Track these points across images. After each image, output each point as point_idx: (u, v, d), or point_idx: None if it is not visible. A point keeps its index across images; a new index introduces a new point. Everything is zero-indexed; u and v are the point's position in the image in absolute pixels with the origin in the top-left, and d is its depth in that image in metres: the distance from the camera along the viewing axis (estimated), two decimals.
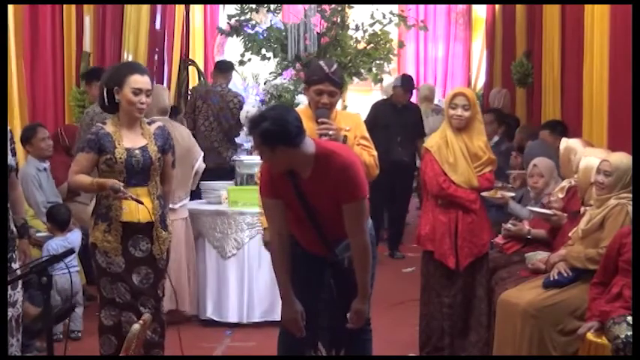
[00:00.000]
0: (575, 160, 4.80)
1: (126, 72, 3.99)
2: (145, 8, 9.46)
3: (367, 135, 4.12)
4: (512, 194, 5.37)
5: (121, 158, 3.94)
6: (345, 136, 3.90)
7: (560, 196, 4.82)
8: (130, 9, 9.06)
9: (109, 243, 3.97)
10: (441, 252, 4.59)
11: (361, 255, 3.44)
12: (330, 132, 3.82)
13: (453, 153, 4.56)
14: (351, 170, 3.36)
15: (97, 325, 4.12)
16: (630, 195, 4.01)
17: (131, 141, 3.99)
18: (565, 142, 4.93)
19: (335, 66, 3.95)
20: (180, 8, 10.85)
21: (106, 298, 4.03)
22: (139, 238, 4.02)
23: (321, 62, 3.95)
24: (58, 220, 5.37)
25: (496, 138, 7.08)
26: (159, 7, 10.25)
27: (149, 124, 4.13)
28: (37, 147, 6.09)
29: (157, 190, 4.07)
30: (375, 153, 4.07)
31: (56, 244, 5.20)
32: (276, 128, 3.22)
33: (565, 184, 4.85)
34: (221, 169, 7.18)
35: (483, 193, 4.77)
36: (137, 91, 3.94)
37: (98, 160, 3.96)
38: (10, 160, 3.99)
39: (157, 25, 10.35)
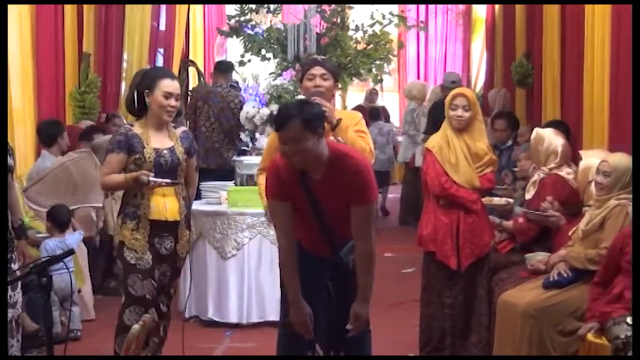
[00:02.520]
0: (543, 150, 4.82)
1: (157, 76, 4.10)
2: (147, 9, 9.47)
3: (366, 130, 4.14)
4: (511, 201, 5.40)
5: (149, 158, 4.02)
6: (340, 119, 3.90)
7: (532, 190, 4.83)
8: (131, 9, 9.07)
9: (136, 240, 4.04)
10: (443, 253, 4.59)
11: (366, 259, 3.44)
12: (323, 109, 3.82)
13: (455, 153, 4.56)
14: (365, 173, 3.37)
15: (115, 324, 4.10)
16: (630, 195, 4.01)
17: (159, 142, 4.09)
18: (535, 132, 4.95)
19: (327, 58, 4.02)
20: (181, 9, 10.85)
21: (135, 297, 4.04)
22: (165, 236, 4.11)
23: (315, 55, 4.02)
24: (58, 221, 5.37)
25: (509, 142, 7.09)
26: (161, 7, 10.26)
27: (175, 127, 4.24)
28: (62, 143, 6.22)
29: (182, 191, 4.16)
30: (372, 143, 4.09)
31: (53, 244, 5.20)
32: (315, 111, 3.30)
33: (535, 177, 4.87)
34: (222, 170, 7.18)
35: (487, 202, 4.80)
36: (168, 95, 4.05)
37: (127, 161, 4.03)
38: (8, 160, 4.01)
39: (161, 26, 10.37)
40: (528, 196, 4.88)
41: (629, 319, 3.61)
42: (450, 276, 4.62)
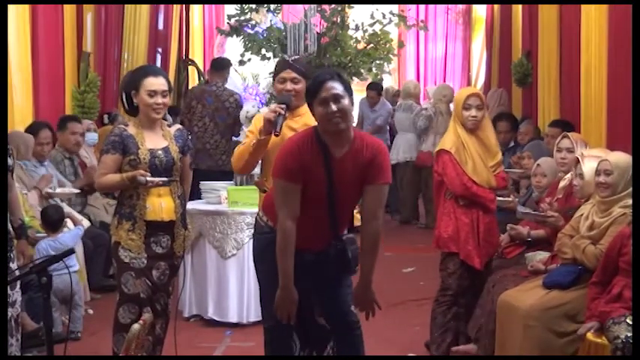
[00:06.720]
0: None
1: (141, 75, 4.09)
2: (145, 8, 9.48)
3: None
4: (516, 199, 5.41)
5: (144, 159, 4.02)
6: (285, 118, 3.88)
7: (559, 196, 4.81)
8: (130, 9, 9.07)
9: (132, 241, 4.04)
10: (466, 253, 4.57)
11: (375, 240, 3.49)
12: (271, 116, 3.81)
13: (470, 154, 4.57)
14: (384, 153, 3.50)
15: (113, 323, 4.11)
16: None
17: (153, 142, 4.09)
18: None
19: (298, 56, 4.02)
20: (177, 8, 10.87)
21: (128, 295, 4.05)
22: (161, 235, 4.10)
23: (286, 55, 4.01)
24: (49, 221, 5.36)
25: (511, 144, 7.12)
26: (160, 7, 10.28)
27: (169, 126, 4.24)
28: (38, 148, 6.17)
29: (177, 190, 4.16)
30: None
31: (45, 244, 5.19)
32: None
33: (566, 182, 4.82)
34: (211, 172, 7.11)
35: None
36: (152, 93, 4.03)
37: (122, 162, 4.04)
38: (8, 160, 4.01)
39: (159, 26, 10.38)
40: (560, 195, 4.85)
41: (628, 319, 3.61)
42: (471, 276, 4.63)
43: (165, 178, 4.03)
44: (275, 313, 3.51)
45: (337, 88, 3.38)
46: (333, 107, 3.35)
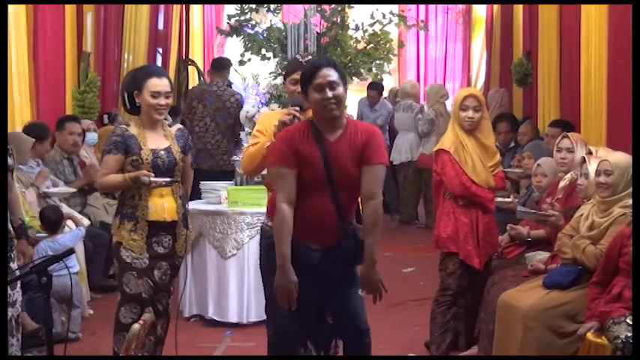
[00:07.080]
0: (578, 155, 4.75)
1: (144, 76, 4.09)
2: (145, 8, 9.47)
3: None
4: (516, 200, 5.40)
5: (147, 159, 4.02)
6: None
7: (559, 196, 4.81)
8: (130, 9, 9.07)
9: (134, 241, 4.04)
10: (466, 253, 4.57)
11: (376, 218, 3.48)
12: (286, 119, 3.88)
13: (469, 154, 4.57)
14: (378, 135, 3.57)
15: (114, 323, 4.11)
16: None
17: (155, 142, 4.09)
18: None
19: (309, 57, 4.12)
20: (177, 8, 10.87)
21: (129, 295, 4.05)
22: (163, 235, 4.11)
23: (297, 54, 4.03)
24: (47, 222, 5.35)
25: (512, 144, 7.12)
26: (160, 7, 10.27)
27: (170, 126, 4.24)
28: (40, 149, 6.17)
29: (179, 190, 4.16)
30: None
31: (44, 245, 5.19)
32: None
33: (566, 182, 4.83)
34: (213, 172, 7.12)
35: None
36: (155, 94, 4.03)
37: (124, 162, 4.03)
38: (8, 160, 4.01)
39: (160, 26, 10.38)
40: (560, 196, 4.84)
41: (629, 319, 3.61)
42: (470, 276, 4.63)
43: (168, 179, 4.03)
44: (278, 319, 3.51)
45: (333, 75, 3.46)
46: (329, 94, 3.43)
